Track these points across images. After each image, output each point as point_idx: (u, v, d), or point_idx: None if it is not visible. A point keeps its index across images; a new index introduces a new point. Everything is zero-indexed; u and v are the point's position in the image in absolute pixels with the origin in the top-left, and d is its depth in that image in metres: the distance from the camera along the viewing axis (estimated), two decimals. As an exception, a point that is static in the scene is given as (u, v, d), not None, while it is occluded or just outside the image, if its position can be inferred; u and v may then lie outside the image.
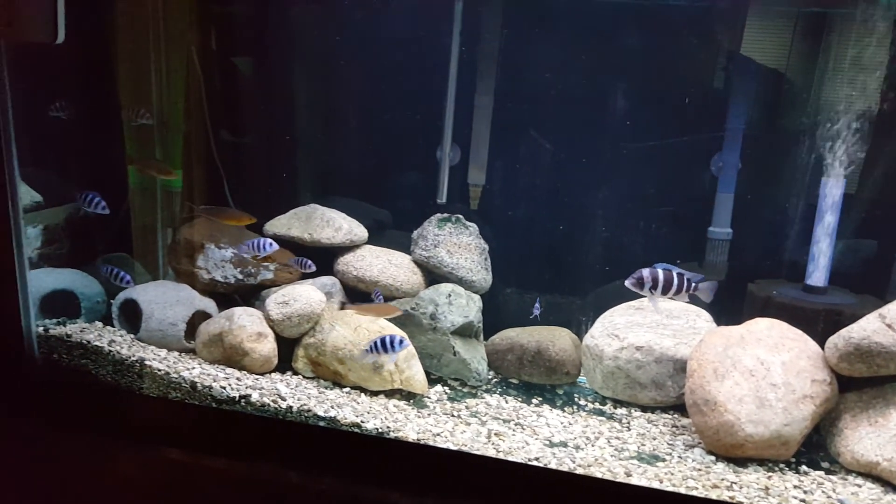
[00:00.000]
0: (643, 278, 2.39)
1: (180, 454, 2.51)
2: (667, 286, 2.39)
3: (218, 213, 3.21)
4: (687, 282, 2.41)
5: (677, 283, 2.40)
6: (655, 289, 2.38)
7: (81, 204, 3.02)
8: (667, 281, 2.38)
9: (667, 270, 2.40)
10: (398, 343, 2.68)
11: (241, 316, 2.97)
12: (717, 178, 3.20)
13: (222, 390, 2.67)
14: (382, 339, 2.69)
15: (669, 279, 2.38)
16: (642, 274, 2.39)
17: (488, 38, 3.29)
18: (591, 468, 2.35)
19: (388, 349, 2.69)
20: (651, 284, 2.38)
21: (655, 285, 2.38)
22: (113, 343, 2.92)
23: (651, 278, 2.37)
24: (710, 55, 3.17)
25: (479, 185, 3.44)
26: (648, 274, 2.37)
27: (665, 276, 2.38)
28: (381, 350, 2.69)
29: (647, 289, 2.39)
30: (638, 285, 2.39)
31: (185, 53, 3.34)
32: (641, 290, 2.41)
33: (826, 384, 2.54)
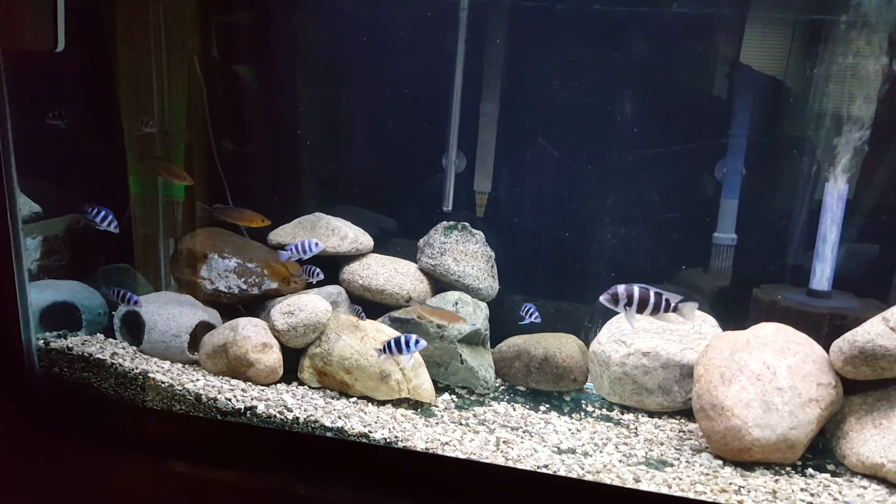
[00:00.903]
0: (618, 294, 2.36)
1: (185, 467, 2.49)
2: (642, 304, 2.36)
3: (231, 213, 3.18)
4: (665, 301, 2.38)
5: (654, 301, 2.37)
6: (630, 305, 2.36)
7: (90, 219, 2.99)
8: (642, 298, 2.36)
9: (643, 288, 2.37)
10: (413, 343, 2.65)
11: (246, 326, 2.95)
12: (721, 185, 3.23)
13: (227, 402, 2.65)
14: (397, 338, 2.65)
15: (645, 297, 2.36)
16: (617, 290, 2.37)
17: (493, 45, 3.30)
18: (599, 474, 2.36)
19: (402, 349, 2.65)
20: (626, 301, 2.35)
21: (630, 302, 2.36)
22: (115, 355, 2.89)
23: (626, 295, 2.35)
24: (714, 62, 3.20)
25: (485, 192, 3.44)
26: (623, 290, 2.35)
27: (640, 294, 2.36)
28: (395, 350, 2.66)
29: (622, 305, 2.36)
30: (612, 301, 2.37)
31: (187, 62, 3.32)
32: (616, 306, 2.38)
33: (831, 387, 2.57)
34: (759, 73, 3.12)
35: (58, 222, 3.29)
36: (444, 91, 3.29)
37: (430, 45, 3.32)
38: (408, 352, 2.68)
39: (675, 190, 3.33)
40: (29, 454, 2.62)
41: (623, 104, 3.25)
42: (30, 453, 2.62)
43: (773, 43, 3.12)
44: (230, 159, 3.52)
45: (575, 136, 3.35)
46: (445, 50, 3.24)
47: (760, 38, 3.12)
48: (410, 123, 3.44)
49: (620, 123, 3.26)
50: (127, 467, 2.54)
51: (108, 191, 3.40)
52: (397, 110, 3.45)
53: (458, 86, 3.27)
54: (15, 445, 2.63)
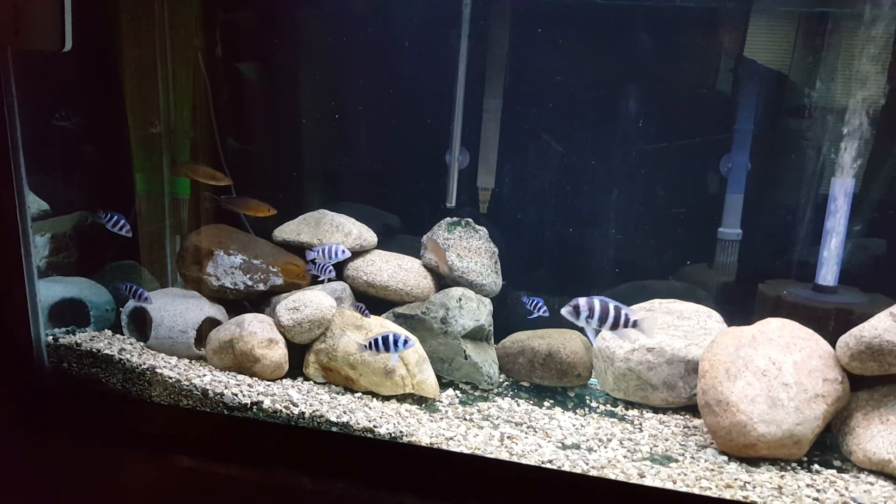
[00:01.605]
0: (579, 307, 2.35)
1: (193, 462, 2.50)
2: (603, 317, 2.35)
3: (237, 202, 3.19)
4: (625, 317, 2.37)
5: (613, 315, 2.35)
6: (592, 318, 2.35)
7: (104, 222, 3.03)
8: (603, 312, 2.35)
9: (603, 302, 2.35)
10: (402, 342, 2.63)
11: (252, 322, 2.96)
12: (726, 179, 3.21)
13: (234, 397, 2.67)
14: (385, 336, 2.64)
15: (605, 310, 2.35)
16: (578, 302, 2.35)
17: (496, 41, 3.29)
18: (604, 470, 2.36)
19: (389, 348, 2.63)
20: (588, 314, 2.35)
21: (592, 315, 2.35)
22: (123, 351, 2.92)
23: (588, 308, 2.34)
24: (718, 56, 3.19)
25: (489, 188, 3.44)
26: (585, 303, 2.34)
27: (601, 307, 2.35)
28: (381, 348, 2.64)
29: (584, 318, 2.35)
30: (574, 314, 2.36)
31: (192, 60, 3.34)
32: (577, 319, 2.37)
33: (837, 383, 2.55)
34: (764, 67, 3.10)
35: (66, 220, 3.32)
36: (448, 87, 3.29)
37: (433, 41, 3.32)
38: (395, 351, 2.65)
39: (680, 185, 3.31)
40: (38, 448, 2.65)
41: (627, 99, 3.24)
42: (38, 447, 2.65)
43: (778, 36, 3.10)
44: (235, 157, 3.54)
45: (578, 131, 3.34)
46: (448, 46, 3.24)
47: (765, 31, 3.10)
48: (414, 120, 3.44)
49: (624, 119, 3.25)
50: (134, 461, 2.55)
51: (114, 188, 3.43)
52: (401, 107, 3.46)
53: (462, 82, 3.27)
54: (24, 439, 2.66)
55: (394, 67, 3.43)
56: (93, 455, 2.59)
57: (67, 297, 3.09)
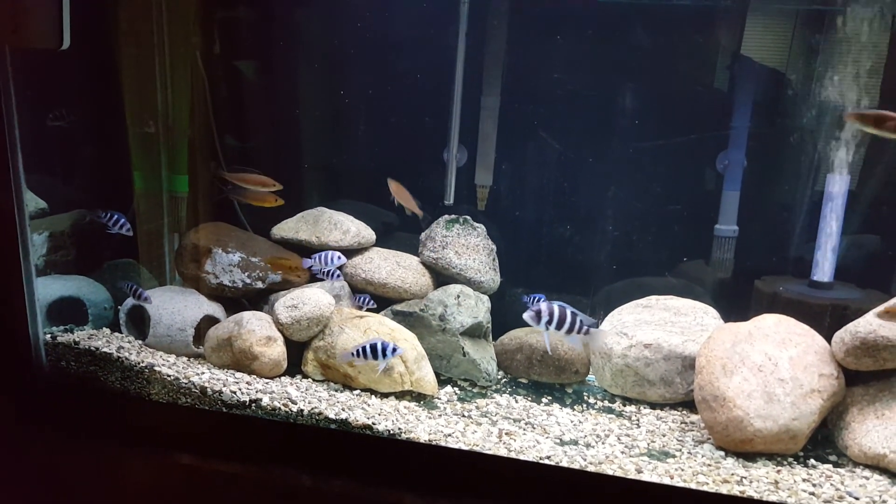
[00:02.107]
0: (541, 312, 2.43)
1: (192, 459, 2.51)
2: (561, 322, 2.44)
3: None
4: (580, 323, 2.47)
5: (570, 321, 2.45)
6: (551, 323, 2.42)
7: (104, 222, 3.04)
8: (561, 318, 2.43)
9: (562, 308, 2.43)
10: (391, 350, 2.64)
11: (250, 320, 2.96)
12: (722, 176, 3.22)
13: (232, 395, 2.67)
14: (373, 344, 2.64)
15: (563, 316, 2.44)
16: (541, 307, 2.43)
17: (494, 38, 3.30)
18: (602, 466, 2.36)
19: (377, 356, 2.64)
20: (548, 319, 2.42)
21: (551, 320, 2.42)
22: (121, 349, 2.92)
23: (549, 313, 2.41)
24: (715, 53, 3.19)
25: (487, 185, 3.45)
26: (547, 308, 2.41)
27: (560, 313, 2.43)
28: (368, 356, 2.65)
29: (544, 323, 2.43)
30: (535, 319, 2.43)
31: (190, 58, 3.34)
32: (538, 324, 2.45)
33: (833, 378, 2.57)
34: (760, 65, 3.11)
35: (64, 218, 3.31)
36: (446, 85, 3.29)
37: (431, 38, 3.32)
38: (384, 359, 2.66)
39: (677, 182, 3.32)
40: (37, 447, 2.65)
41: (624, 96, 3.24)
42: (38, 446, 2.64)
43: (775, 33, 3.11)
44: (233, 154, 3.54)
45: (576, 128, 3.34)
46: (446, 43, 3.24)
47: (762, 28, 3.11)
48: (412, 117, 3.44)
49: (622, 116, 3.26)
50: (133, 460, 2.55)
51: (112, 187, 3.43)
52: (399, 104, 3.45)
53: (460, 79, 3.27)
54: (23, 438, 2.66)
55: (392, 65, 3.42)
56: (91, 454, 2.59)
57: (66, 296, 3.08)
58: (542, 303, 2.44)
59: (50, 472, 2.65)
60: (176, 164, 3.39)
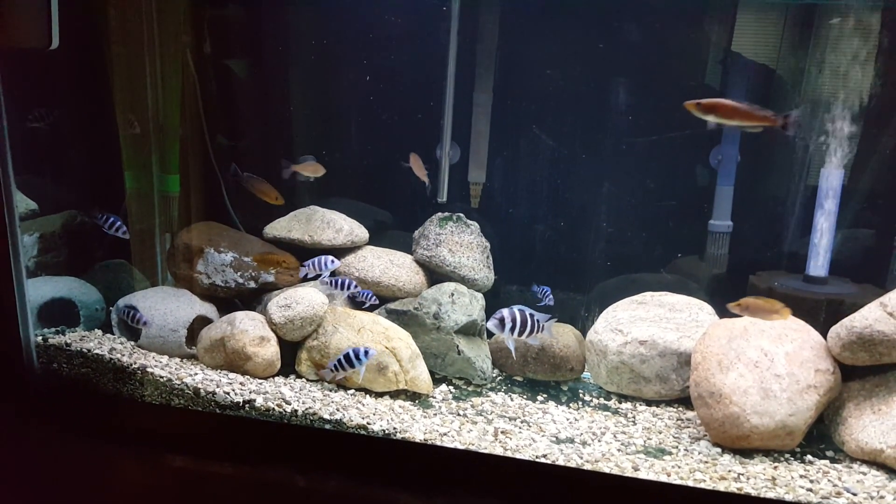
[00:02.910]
0: (504, 318, 2.50)
1: (185, 461, 2.49)
2: (523, 327, 2.52)
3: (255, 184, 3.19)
4: (537, 322, 2.57)
5: (530, 324, 2.54)
6: (514, 329, 2.48)
7: (101, 225, 3.04)
8: (523, 322, 2.51)
9: (522, 312, 2.52)
10: (363, 354, 2.66)
11: (243, 320, 2.95)
12: (716, 172, 3.22)
13: (226, 396, 2.65)
14: (346, 355, 2.66)
15: (525, 320, 2.52)
16: (503, 314, 2.50)
17: (486, 35, 3.28)
18: (598, 463, 2.35)
19: (353, 363, 2.66)
20: (511, 325, 2.49)
21: (514, 325, 2.49)
22: (113, 351, 2.90)
23: (510, 319, 2.48)
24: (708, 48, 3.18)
25: (480, 183, 3.44)
26: (509, 315, 2.47)
27: (521, 318, 2.51)
28: (345, 367, 2.68)
29: (507, 329, 2.50)
30: (499, 326, 2.51)
31: (180, 56, 3.32)
32: (502, 331, 2.52)
33: (829, 374, 2.56)
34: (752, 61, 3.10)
35: (55, 219, 3.29)
36: (438, 82, 3.27)
37: (422, 35, 3.31)
38: (359, 364, 2.68)
39: (670, 178, 3.32)
40: (28, 450, 2.63)
41: (617, 92, 3.24)
42: (29, 449, 2.63)
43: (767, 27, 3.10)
44: (224, 153, 3.52)
45: (569, 124, 3.33)
46: (438, 40, 3.22)
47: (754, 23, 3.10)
48: (404, 115, 3.42)
49: (614, 112, 3.25)
50: (126, 462, 2.54)
51: (103, 187, 3.41)
52: (391, 102, 3.44)
53: (452, 76, 3.26)
54: (14, 441, 2.64)
55: (383, 62, 3.41)
56: (84, 456, 2.57)
57: (57, 297, 3.06)
58: (503, 310, 2.49)
59: (42, 475, 2.63)
60: (167, 163, 3.37)
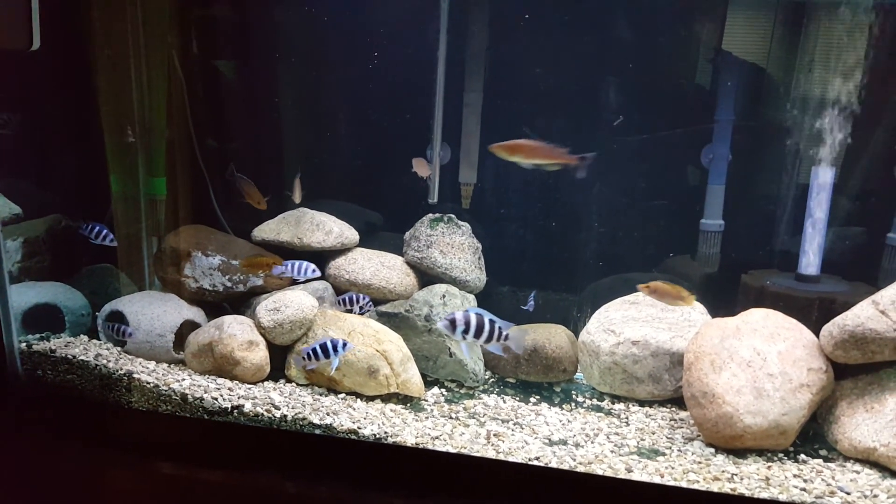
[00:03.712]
0: (456, 321, 2.40)
1: (173, 468, 2.46)
2: (478, 331, 2.41)
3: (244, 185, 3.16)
4: (498, 330, 2.43)
5: (489, 329, 2.42)
6: (468, 333, 2.39)
7: (86, 234, 2.98)
8: (478, 326, 2.40)
9: (479, 316, 2.41)
10: (340, 346, 2.62)
11: (231, 324, 2.92)
12: (707, 171, 3.21)
13: (214, 401, 2.62)
14: (322, 343, 2.62)
15: (481, 324, 2.41)
16: (455, 316, 2.40)
17: (476, 34, 3.27)
18: (591, 465, 2.34)
19: (329, 354, 2.62)
20: (464, 329, 2.39)
21: (468, 329, 2.39)
22: (99, 357, 2.86)
23: (464, 322, 2.39)
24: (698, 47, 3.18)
25: (471, 183, 3.42)
26: (462, 318, 2.38)
27: (477, 322, 2.40)
28: (320, 356, 2.63)
29: (460, 333, 2.40)
30: (450, 328, 2.41)
31: (166, 58, 3.28)
32: (454, 333, 2.42)
33: (822, 372, 2.55)
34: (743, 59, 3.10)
35: (39, 223, 3.26)
36: (428, 82, 3.26)
37: (411, 35, 3.29)
38: (334, 356, 2.64)
39: (662, 177, 3.32)
40: (13, 457, 2.59)
41: (607, 91, 3.23)
42: (14, 456, 2.59)
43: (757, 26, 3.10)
44: (212, 155, 3.49)
45: (560, 124, 3.32)
46: (427, 40, 3.21)
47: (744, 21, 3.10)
48: (394, 116, 3.41)
49: (605, 111, 3.24)
50: (113, 469, 2.51)
51: (88, 190, 3.37)
52: (380, 103, 3.42)
53: (442, 76, 3.24)
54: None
55: (373, 62, 3.39)
56: (69, 464, 2.54)
57: (41, 303, 3.03)
58: (457, 312, 2.41)
59: (27, 484, 2.59)
60: (154, 166, 3.34)
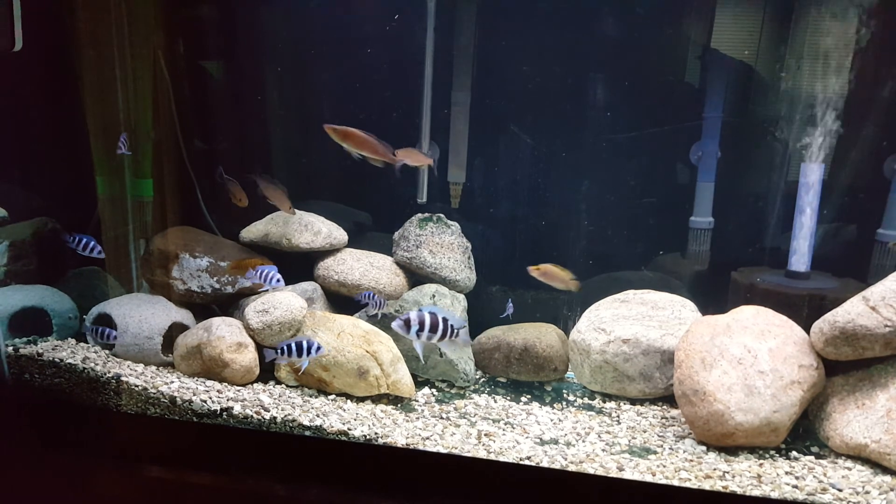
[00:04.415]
0: (410, 320, 2.42)
1: (162, 472, 2.45)
2: (433, 329, 2.43)
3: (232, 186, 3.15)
4: (451, 328, 2.45)
5: (442, 328, 2.43)
6: (422, 331, 2.42)
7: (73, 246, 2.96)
8: (432, 325, 2.42)
9: (433, 314, 2.43)
10: (314, 349, 2.64)
11: (220, 326, 2.90)
12: (696, 168, 3.21)
13: (203, 404, 2.60)
14: (298, 342, 2.64)
15: (435, 323, 2.43)
16: (410, 316, 2.42)
17: (463, 33, 3.25)
18: (583, 464, 2.33)
19: (302, 353, 2.64)
20: (418, 327, 2.41)
21: (422, 328, 2.42)
22: (87, 360, 2.84)
23: (418, 321, 2.41)
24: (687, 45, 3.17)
25: (460, 182, 3.41)
26: (416, 317, 2.41)
27: (431, 321, 2.42)
28: (294, 354, 2.65)
29: (414, 332, 2.42)
30: (404, 328, 2.43)
31: (152, 58, 3.25)
32: (408, 333, 2.44)
33: (813, 369, 2.55)
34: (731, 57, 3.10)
35: (25, 226, 3.23)
36: (415, 81, 3.25)
37: (399, 34, 3.27)
38: (307, 356, 2.66)
39: (651, 174, 3.31)
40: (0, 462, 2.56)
41: (595, 89, 3.22)
42: (1, 461, 2.56)
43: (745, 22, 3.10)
44: (199, 157, 3.46)
45: (548, 122, 3.32)
46: (415, 39, 3.19)
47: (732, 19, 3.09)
48: (381, 115, 3.39)
49: (594, 109, 3.23)
50: (101, 473, 2.49)
51: (75, 192, 3.34)
52: (368, 102, 3.41)
53: (429, 75, 3.23)
54: (-15, 455, 2.58)
55: (360, 62, 3.38)
56: (57, 469, 2.52)
57: (28, 306, 3.01)
58: (411, 311, 2.43)
59: (14, 489, 2.56)
60: (140, 167, 3.31)
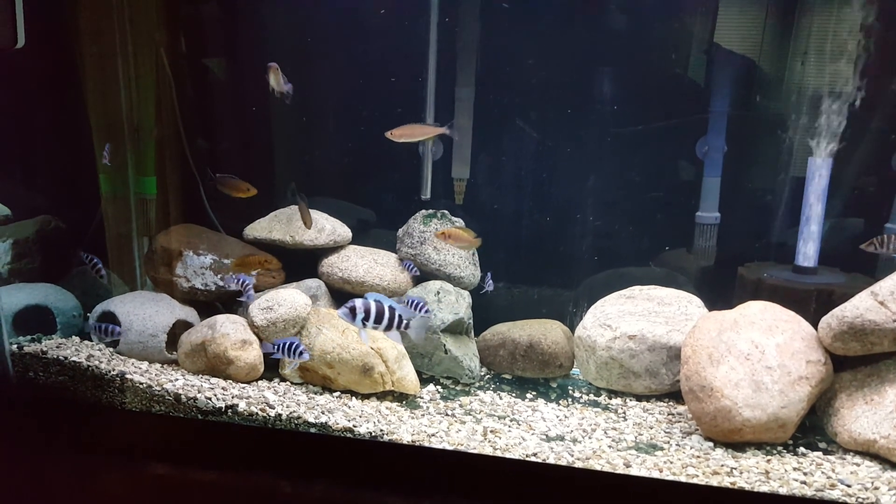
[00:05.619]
0: (356, 308, 2.37)
1: (167, 469, 2.44)
2: (379, 319, 2.39)
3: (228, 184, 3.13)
4: (399, 318, 2.41)
5: (388, 317, 2.39)
6: (368, 320, 2.38)
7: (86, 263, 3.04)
8: (378, 314, 2.38)
9: (378, 303, 2.38)
10: (300, 353, 2.67)
11: (224, 323, 2.90)
12: (703, 163, 3.19)
13: (208, 401, 2.60)
14: (290, 344, 2.66)
15: (381, 311, 2.39)
16: (355, 304, 2.38)
17: (467, 28, 3.24)
18: (589, 461, 2.32)
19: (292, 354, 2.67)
20: (364, 315, 2.37)
21: (368, 316, 2.38)
22: (91, 358, 2.84)
23: (364, 309, 2.37)
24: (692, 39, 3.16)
25: (464, 179, 3.40)
26: (361, 305, 2.36)
27: (377, 309, 2.38)
28: (284, 353, 2.69)
29: (360, 320, 2.38)
30: (349, 315, 2.39)
31: (154, 56, 3.25)
32: (353, 320, 2.40)
33: (821, 364, 2.54)
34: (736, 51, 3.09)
35: (28, 224, 3.24)
36: (419, 77, 3.24)
37: (402, 30, 3.27)
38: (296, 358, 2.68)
39: (657, 169, 3.30)
40: (5, 460, 2.56)
41: (601, 84, 3.21)
42: (6, 459, 2.56)
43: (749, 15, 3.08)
44: (202, 154, 3.46)
45: (553, 117, 3.31)
46: (418, 34, 3.18)
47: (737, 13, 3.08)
48: (385, 111, 3.38)
49: (599, 104, 3.22)
50: (106, 471, 2.49)
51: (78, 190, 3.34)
52: (371, 98, 3.41)
53: (433, 71, 3.23)
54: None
55: (363, 58, 3.37)
56: (63, 466, 2.52)
57: (32, 304, 3.02)
58: (356, 299, 2.38)
59: (19, 487, 2.56)
60: (143, 165, 3.31)
